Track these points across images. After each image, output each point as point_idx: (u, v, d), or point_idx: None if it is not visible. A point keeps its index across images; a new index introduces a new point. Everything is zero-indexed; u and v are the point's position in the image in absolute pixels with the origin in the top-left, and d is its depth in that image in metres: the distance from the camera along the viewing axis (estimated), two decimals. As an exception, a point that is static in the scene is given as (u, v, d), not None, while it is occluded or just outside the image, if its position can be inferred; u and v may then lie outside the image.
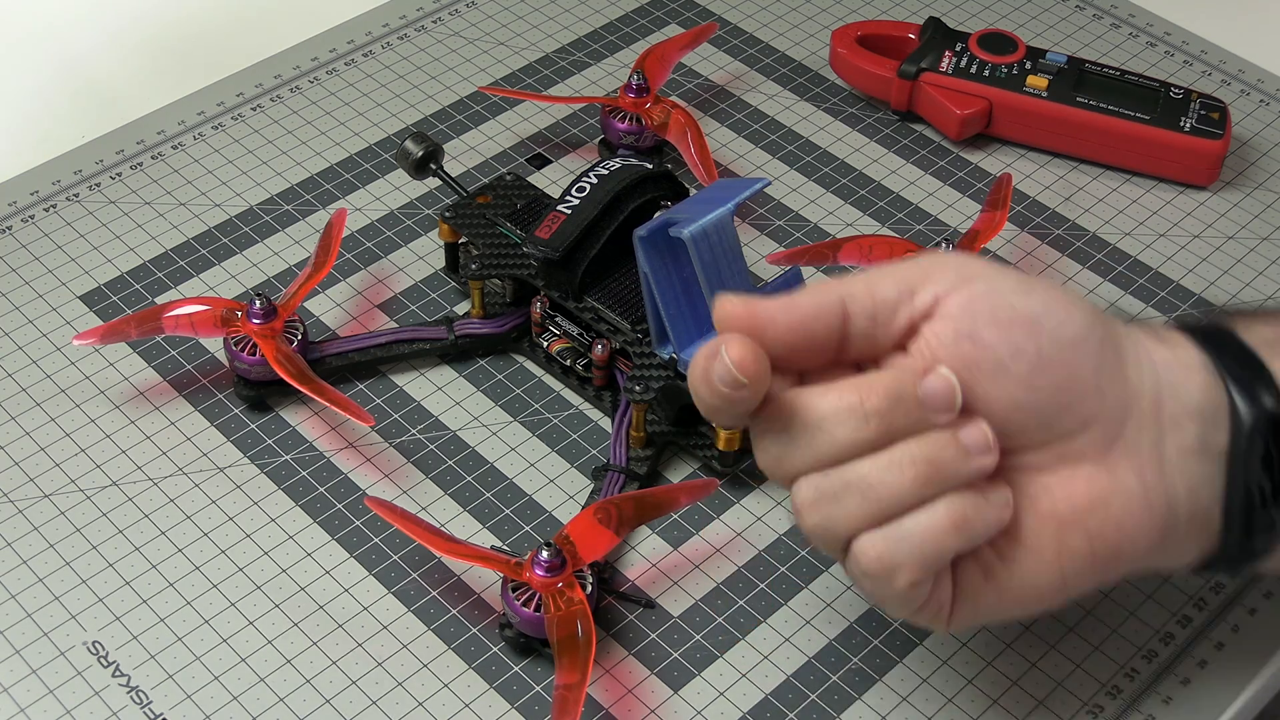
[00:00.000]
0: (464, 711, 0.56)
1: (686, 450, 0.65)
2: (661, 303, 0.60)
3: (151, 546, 0.61)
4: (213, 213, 0.75)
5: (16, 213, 0.74)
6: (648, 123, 0.76)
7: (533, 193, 0.69)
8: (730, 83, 0.83)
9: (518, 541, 0.62)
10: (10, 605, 0.59)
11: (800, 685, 0.58)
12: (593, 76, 0.83)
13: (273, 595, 0.60)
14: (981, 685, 0.58)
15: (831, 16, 0.88)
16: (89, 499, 0.63)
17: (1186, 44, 0.86)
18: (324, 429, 0.66)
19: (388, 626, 0.59)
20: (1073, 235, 0.75)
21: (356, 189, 0.76)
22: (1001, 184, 0.73)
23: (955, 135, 0.79)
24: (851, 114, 0.82)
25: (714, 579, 0.61)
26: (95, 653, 0.58)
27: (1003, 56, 0.79)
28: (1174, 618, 0.60)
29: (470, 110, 0.81)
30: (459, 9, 0.87)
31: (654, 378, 0.62)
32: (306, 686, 0.57)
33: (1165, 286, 0.73)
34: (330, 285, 0.71)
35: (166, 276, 0.72)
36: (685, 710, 0.57)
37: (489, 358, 0.69)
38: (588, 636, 0.55)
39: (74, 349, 0.68)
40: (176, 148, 0.78)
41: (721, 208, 0.57)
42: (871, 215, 0.76)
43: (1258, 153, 0.80)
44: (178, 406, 0.66)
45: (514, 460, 0.65)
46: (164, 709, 0.56)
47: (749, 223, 0.75)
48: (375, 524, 0.62)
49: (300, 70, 0.83)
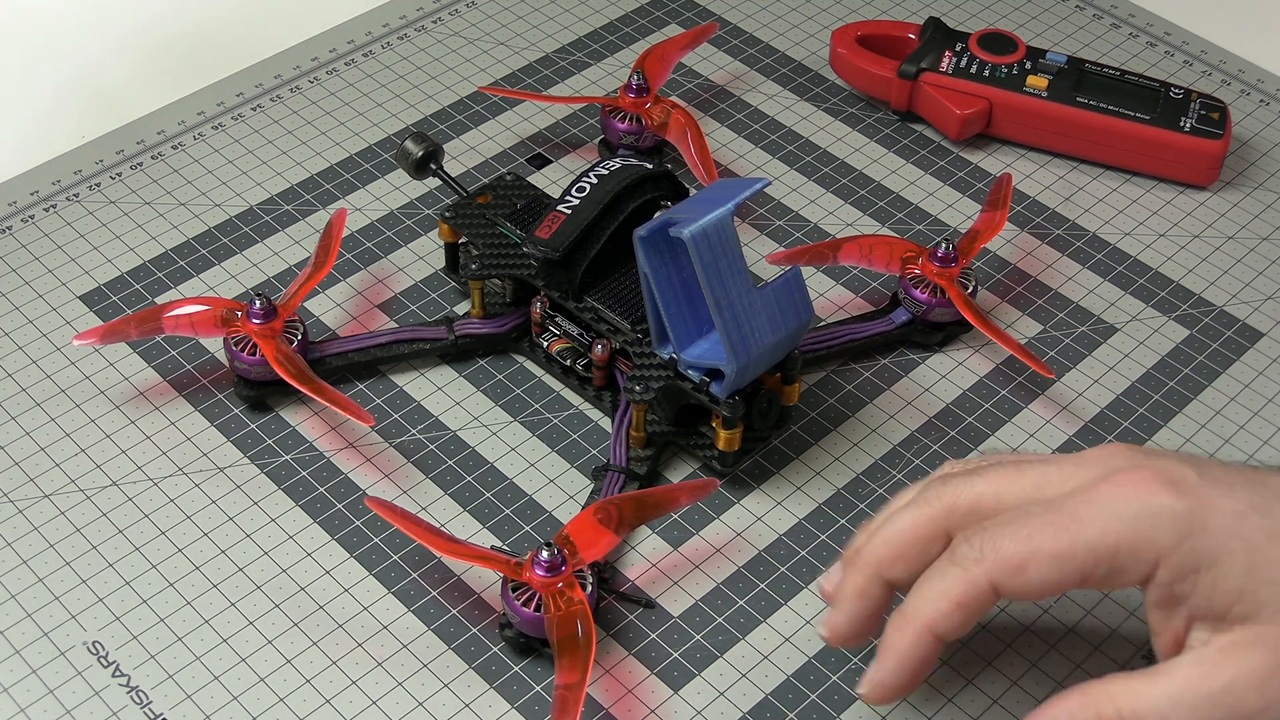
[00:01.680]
0: (464, 711, 0.56)
1: (686, 450, 0.65)
2: (661, 303, 0.60)
3: (151, 546, 0.61)
4: (213, 213, 0.75)
5: (16, 213, 0.74)
6: (648, 123, 0.76)
7: (533, 193, 0.69)
8: (730, 83, 0.83)
9: (518, 541, 0.62)
10: (10, 605, 0.59)
11: (800, 685, 0.58)
12: (593, 76, 0.83)
13: (273, 595, 0.60)
14: (981, 685, 0.58)
15: (831, 16, 0.88)
16: (89, 499, 0.63)
17: (1186, 44, 0.86)
18: (324, 429, 0.66)
19: (388, 626, 0.59)
20: (1073, 235, 0.75)
21: (356, 189, 0.76)
22: (1001, 184, 0.73)
23: (955, 135, 0.79)
24: (851, 114, 0.82)
25: (714, 579, 0.61)
26: (95, 653, 0.58)
27: (1003, 56, 0.79)
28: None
29: (470, 110, 0.81)
30: (459, 9, 0.87)
31: (654, 378, 0.62)
32: (306, 686, 0.57)
33: (1165, 286, 0.73)
34: (330, 285, 0.71)
35: (166, 276, 0.72)
36: (685, 710, 0.57)
37: (489, 358, 0.69)
38: (588, 636, 0.55)
39: (74, 349, 0.68)
40: (176, 148, 0.78)
41: (721, 208, 0.57)
42: (871, 215, 0.76)
43: (1258, 153, 0.80)
44: (178, 406, 0.66)
45: (514, 460, 0.65)
46: (164, 709, 0.56)
47: (749, 223, 0.75)
48: (375, 524, 0.62)
49: (300, 70, 0.83)
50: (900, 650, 0.50)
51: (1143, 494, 0.47)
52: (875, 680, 0.51)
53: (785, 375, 0.63)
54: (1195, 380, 0.69)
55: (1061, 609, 0.60)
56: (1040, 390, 0.68)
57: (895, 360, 0.69)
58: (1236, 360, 0.70)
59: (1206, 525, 0.47)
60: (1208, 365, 0.70)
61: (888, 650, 0.51)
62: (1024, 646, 0.59)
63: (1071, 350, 0.70)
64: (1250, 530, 0.47)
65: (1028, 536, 0.48)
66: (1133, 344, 0.70)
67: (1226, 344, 0.71)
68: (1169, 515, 0.47)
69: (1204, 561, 0.47)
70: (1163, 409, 0.68)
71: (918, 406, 0.67)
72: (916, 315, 0.69)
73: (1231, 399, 0.68)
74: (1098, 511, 0.47)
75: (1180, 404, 0.68)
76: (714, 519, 0.63)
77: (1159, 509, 0.47)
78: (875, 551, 0.52)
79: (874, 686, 0.51)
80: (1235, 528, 0.47)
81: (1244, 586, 0.46)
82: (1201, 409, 0.68)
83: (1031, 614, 0.60)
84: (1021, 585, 0.48)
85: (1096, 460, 0.50)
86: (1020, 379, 0.69)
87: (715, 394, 0.60)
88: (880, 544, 0.52)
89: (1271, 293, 0.73)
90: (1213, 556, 0.47)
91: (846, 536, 0.62)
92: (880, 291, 0.72)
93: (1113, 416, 0.67)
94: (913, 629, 0.50)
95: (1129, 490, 0.47)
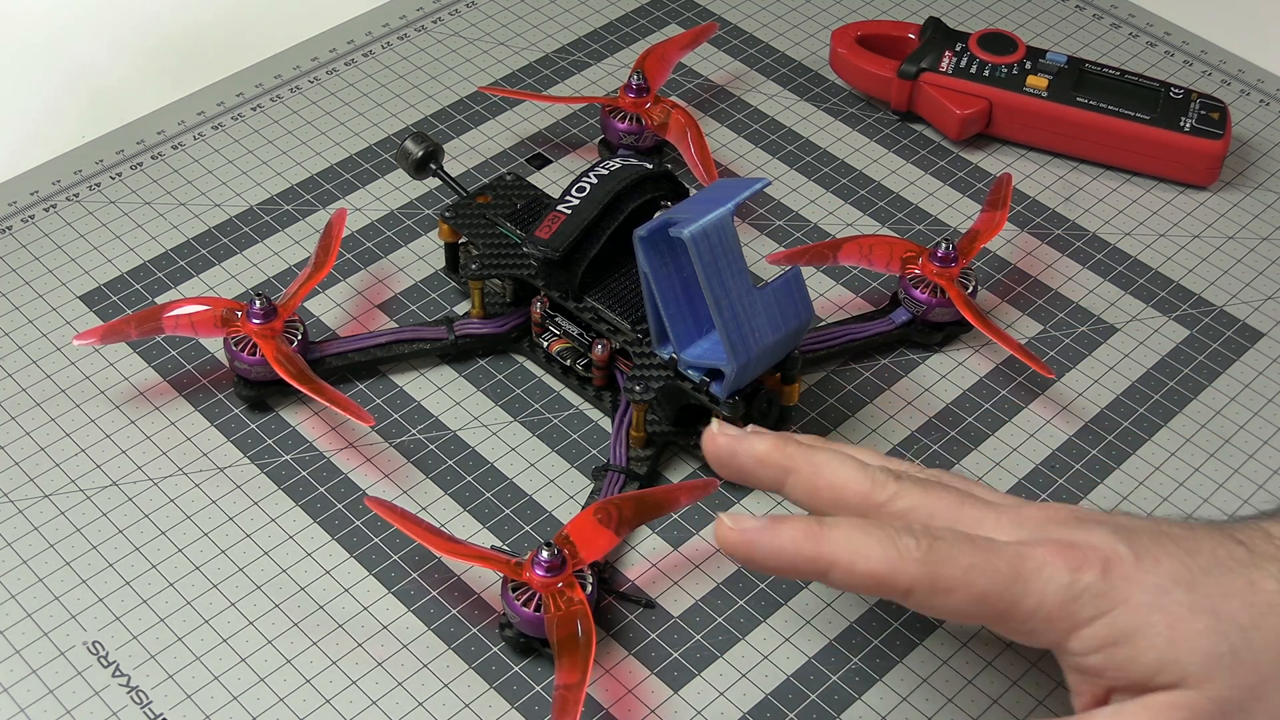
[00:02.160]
0: (464, 711, 0.56)
1: (686, 450, 0.65)
2: (661, 303, 0.60)
3: (151, 546, 0.61)
4: (213, 213, 0.75)
5: (16, 213, 0.74)
6: (648, 123, 0.76)
7: (533, 193, 0.69)
8: (730, 83, 0.83)
9: (518, 541, 0.62)
10: (10, 605, 0.59)
11: (800, 685, 0.58)
12: (593, 76, 0.83)
13: (273, 595, 0.60)
14: (981, 685, 0.58)
15: (831, 16, 0.88)
16: (89, 499, 0.63)
17: (1186, 44, 0.86)
18: (324, 429, 0.66)
19: (388, 626, 0.59)
20: (1073, 235, 0.75)
21: (356, 189, 0.76)
22: (1001, 184, 0.73)
23: (955, 135, 0.79)
24: (851, 114, 0.82)
25: (714, 579, 0.61)
26: (95, 653, 0.58)
27: (1003, 56, 0.79)
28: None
29: (470, 110, 0.81)
30: (459, 9, 0.87)
31: (654, 378, 0.62)
32: (306, 686, 0.57)
33: (1165, 286, 0.73)
34: (330, 285, 0.72)
35: (166, 276, 0.72)
36: (685, 710, 0.57)
37: (489, 358, 0.69)
38: (588, 636, 0.55)
39: (74, 349, 0.68)
40: (176, 148, 0.78)
41: (721, 208, 0.57)
42: (871, 215, 0.76)
43: (1258, 153, 0.80)
44: (178, 406, 0.66)
45: (514, 460, 0.65)
46: (164, 709, 0.56)
47: (749, 223, 0.75)
48: (375, 524, 0.62)
49: (300, 70, 0.83)
50: (787, 551, 0.49)
51: (1071, 567, 0.48)
52: (747, 538, 0.49)
53: (785, 375, 0.63)
54: (1195, 380, 0.69)
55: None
56: (1040, 390, 0.68)
57: (895, 360, 0.69)
58: (1236, 360, 0.70)
59: (1128, 601, 0.47)
60: (1208, 365, 0.70)
61: (780, 539, 0.49)
62: (1024, 646, 0.59)
63: (1071, 350, 0.70)
64: (1172, 604, 0.47)
65: (967, 568, 0.48)
66: (1133, 344, 0.70)
67: (1226, 344, 0.71)
68: (1092, 594, 0.47)
69: (1120, 636, 0.47)
70: (1163, 409, 0.68)
71: (918, 406, 0.67)
72: (916, 315, 0.69)
73: (1231, 399, 0.68)
74: (1030, 571, 0.48)
75: (1180, 404, 0.68)
76: (714, 519, 0.63)
77: (1084, 586, 0.47)
78: (803, 463, 0.52)
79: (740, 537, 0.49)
80: (1157, 603, 0.47)
81: (1165, 659, 0.47)
82: (1201, 409, 0.68)
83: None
84: (936, 605, 0.48)
85: (1035, 522, 0.50)
86: (1020, 379, 0.69)
87: (715, 394, 0.60)
88: (809, 467, 0.51)
89: (1271, 293, 0.73)
90: (1130, 631, 0.47)
91: (846, 536, 0.62)
92: (880, 291, 0.72)
93: (1113, 416, 0.67)
94: (814, 549, 0.48)
95: (1060, 561, 0.48)
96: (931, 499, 0.51)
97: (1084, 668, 0.48)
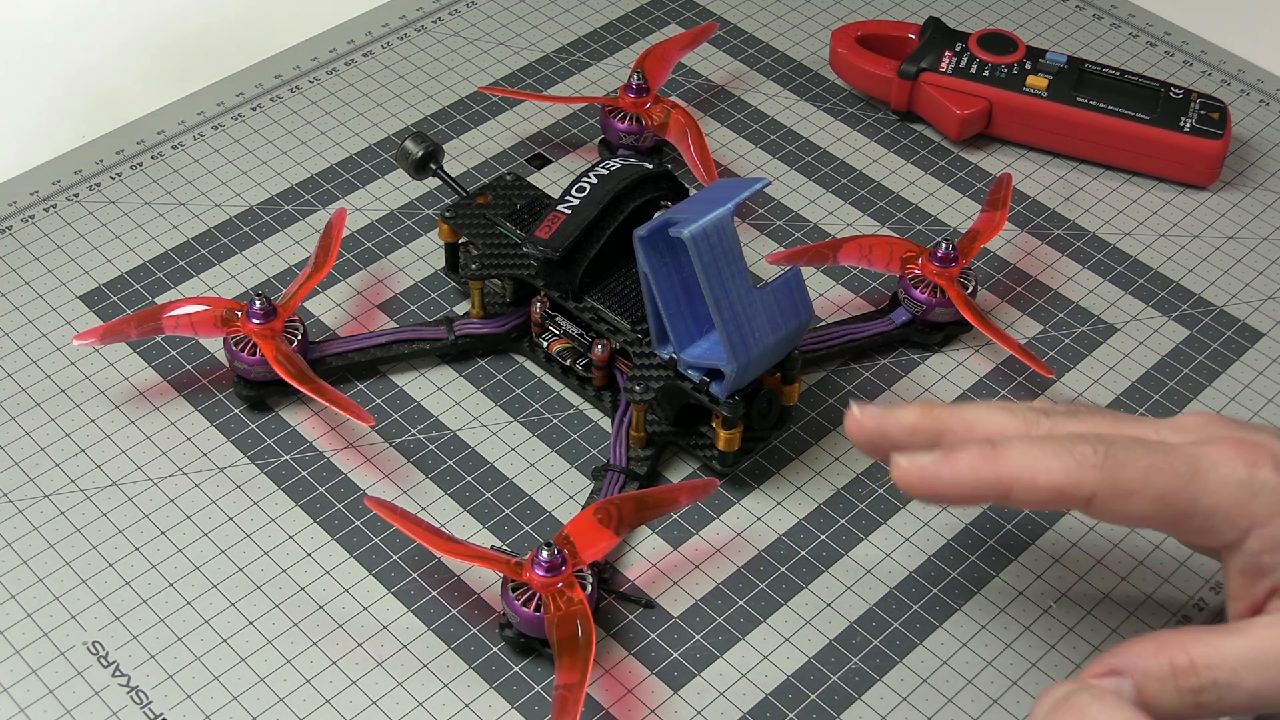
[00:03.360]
0: (464, 711, 0.56)
1: (686, 450, 0.65)
2: (661, 303, 0.60)
3: (151, 546, 0.61)
4: (213, 213, 0.75)
5: (16, 213, 0.74)
6: (648, 123, 0.76)
7: (533, 193, 0.69)
8: (730, 83, 0.83)
9: (518, 541, 0.62)
10: (10, 605, 0.59)
11: (800, 685, 0.58)
12: (593, 76, 0.83)
13: (273, 595, 0.60)
14: (981, 685, 0.58)
15: (831, 16, 0.88)
16: (89, 499, 0.63)
17: (1186, 44, 0.86)
18: (324, 429, 0.66)
19: (388, 626, 0.59)
20: (1073, 235, 0.75)
21: (356, 189, 0.76)
22: (1001, 184, 0.73)
23: (955, 135, 0.79)
24: (851, 114, 0.82)
25: (714, 579, 0.61)
26: (95, 653, 0.58)
27: (1003, 56, 0.79)
28: (1174, 618, 0.60)
29: (470, 110, 0.81)
30: (459, 9, 0.87)
31: (654, 378, 0.62)
32: (306, 686, 0.57)
33: (1165, 286, 0.73)
34: (330, 285, 0.72)
35: (166, 276, 0.72)
36: (685, 710, 0.57)
37: (489, 358, 0.69)
38: (588, 636, 0.55)
39: (74, 349, 0.68)
40: (176, 148, 0.78)
41: (721, 208, 0.57)
42: (871, 215, 0.76)
43: (1258, 153, 0.80)
44: (178, 406, 0.66)
45: (514, 460, 0.65)
46: (164, 709, 0.56)
47: (749, 223, 0.75)
48: (375, 524, 0.62)
49: (300, 70, 0.83)
50: (967, 479, 0.49)
51: (1248, 463, 0.48)
52: (925, 474, 0.49)
53: (785, 375, 0.63)
54: (1195, 380, 0.69)
55: (1063, 609, 0.60)
56: (1040, 390, 0.68)
57: (895, 360, 0.69)
58: (1236, 360, 0.70)
59: None
60: (1208, 365, 0.70)
61: (958, 468, 0.49)
62: (1024, 646, 0.59)
63: (1071, 350, 0.70)
64: None
65: (1146, 469, 0.48)
66: (1133, 344, 0.70)
67: (1226, 344, 0.71)
68: (1270, 489, 0.48)
69: None
70: (1163, 409, 0.68)
71: (918, 406, 0.67)
72: (916, 315, 0.69)
73: (1231, 399, 0.68)
74: (1208, 468, 0.48)
75: (1180, 404, 0.68)
76: (714, 519, 0.63)
77: (1263, 482, 0.48)
78: (954, 421, 0.51)
79: (919, 474, 0.49)
80: None
81: None
82: (1201, 409, 0.68)
83: (1032, 613, 0.60)
84: (1116, 511, 0.49)
85: (1193, 427, 0.51)
86: (1020, 379, 0.69)
87: (715, 394, 0.60)
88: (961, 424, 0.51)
89: (1271, 293, 0.73)
90: None
91: (846, 536, 0.62)
92: (880, 291, 0.72)
93: (1113, 416, 0.67)
94: (993, 472, 0.49)
95: (1237, 457, 0.48)
96: (1086, 424, 0.51)
97: (1255, 568, 0.48)
